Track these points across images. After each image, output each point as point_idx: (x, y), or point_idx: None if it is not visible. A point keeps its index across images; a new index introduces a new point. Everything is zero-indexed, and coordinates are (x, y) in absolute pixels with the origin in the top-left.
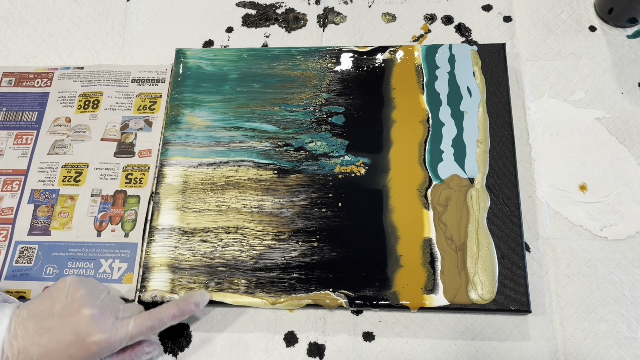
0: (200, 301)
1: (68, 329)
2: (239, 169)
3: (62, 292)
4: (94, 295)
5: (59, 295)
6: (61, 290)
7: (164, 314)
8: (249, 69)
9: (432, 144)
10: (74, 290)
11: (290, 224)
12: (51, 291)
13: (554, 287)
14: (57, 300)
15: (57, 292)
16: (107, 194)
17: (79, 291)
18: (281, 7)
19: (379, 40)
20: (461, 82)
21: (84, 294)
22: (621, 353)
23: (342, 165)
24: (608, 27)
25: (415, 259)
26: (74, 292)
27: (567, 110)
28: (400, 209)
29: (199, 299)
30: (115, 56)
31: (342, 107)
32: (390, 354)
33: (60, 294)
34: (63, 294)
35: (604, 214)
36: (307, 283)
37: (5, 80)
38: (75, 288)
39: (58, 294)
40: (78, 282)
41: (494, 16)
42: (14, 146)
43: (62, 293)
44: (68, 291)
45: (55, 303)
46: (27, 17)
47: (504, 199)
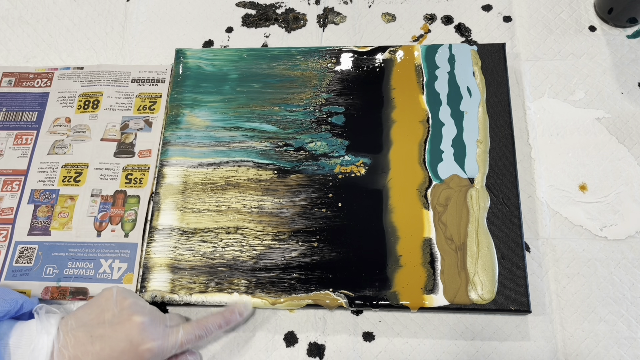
0: (243, 310)
1: (121, 336)
2: (239, 169)
3: (110, 300)
4: (141, 304)
5: (107, 304)
6: (109, 299)
7: (211, 323)
8: (248, 69)
9: (432, 144)
10: (122, 299)
11: (290, 224)
12: (98, 300)
13: (554, 287)
14: (106, 308)
15: (105, 301)
16: (107, 194)
17: (127, 299)
18: (281, 7)
19: (379, 40)
20: (461, 82)
21: (132, 302)
22: (621, 353)
23: (342, 165)
24: (608, 27)
25: (415, 259)
26: (123, 301)
27: (567, 110)
28: (400, 209)
29: (243, 309)
30: (115, 56)
31: (342, 107)
32: (390, 354)
33: (108, 303)
34: (111, 302)
35: (604, 214)
36: (307, 283)
37: (5, 80)
38: (123, 296)
39: (106, 303)
40: (124, 291)
41: (494, 16)
42: (14, 146)
43: (111, 301)
44: (116, 299)
45: (104, 311)
46: (27, 17)
47: (504, 199)
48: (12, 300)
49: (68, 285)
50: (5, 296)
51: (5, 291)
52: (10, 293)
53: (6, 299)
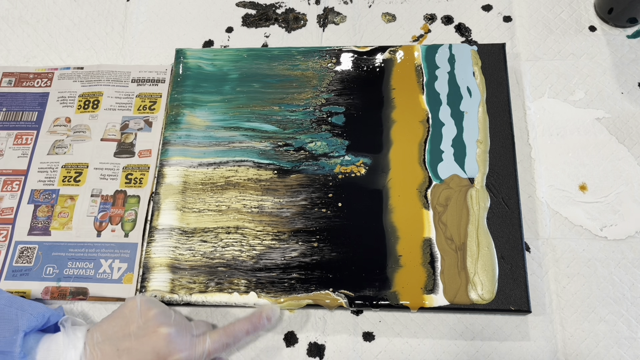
0: (271, 315)
1: (147, 349)
2: (239, 169)
3: (134, 311)
4: (166, 313)
5: (131, 315)
6: (133, 310)
7: (238, 330)
8: (249, 69)
9: (432, 144)
10: (147, 309)
11: (290, 224)
12: (122, 311)
13: (554, 287)
14: (131, 320)
15: (130, 312)
16: (107, 194)
17: (151, 310)
18: (281, 7)
19: (379, 40)
20: (461, 82)
21: (157, 312)
22: (621, 353)
23: (342, 165)
24: (608, 27)
25: (415, 259)
26: (147, 312)
27: (567, 110)
28: (400, 209)
29: (270, 313)
30: (115, 56)
31: (342, 107)
32: (390, 354)
33: (133, 314)
34: (136, 313)
35: (604, 214)
36: (307, 283)
37: (5, 80)
38: (148, 307)
39: (131, 314)
40: (148, 301)
41: (494, 16)
42: (14, 146)
43: (135, 312)
44: (140, 310)
45: (129, 323)
46: (27, 17)
47: (504, 199)
48: (38, 314)
49: (68, 285)
50: (32, 310)
51: (32, 305)
52: (37, 307)
53: (33, 313)
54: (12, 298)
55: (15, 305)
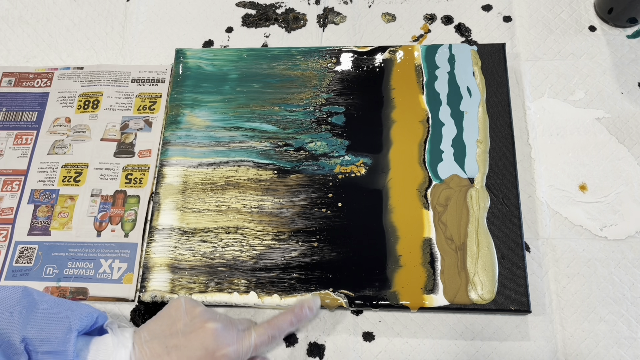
0: (313, 305)
1: (196, 345)
2: (239, 169)
3: (180, 310)
4: (211, 310)
5: (177, 314)
6: (179, 309)
7: (282, 322)
8: (249, 69)
9: (432, 144)
10: (192, 307)
11: (290, 224)
12: (168, 311)
13: (554, 287)
14: (177, 318)
15: (175, 311)
16: (107, 194)
17: (197, 308)
18: (281, 7)
19: (379, 40)
20: (461, 82)
21: (202, 310)
22: (621, 353)
23: (342, 165)
24: (608, 27)
25: (415, 259)
26: (193, 309)
27: (567, 110)
28: (400, 209)
29: (312, 304)
30: (115, 56)
31: (342, 107)
32: (390, 354)
33: (179, 312)
34: (182, 311)
35: (604, 214)
36: (307, 283)
37: (5, 80)
38: (192, 305)
39: (177, 313)
40: (192, 300)
41: (494, 16)
42: (13, 146)
43: (181, 311)
44: (186, 308)
45: (176, 321)
46: (27, 17)
47: (504, 199)
48: (88, 314)
49: (68, 285)
50: (81, 310)
51: (80, 305)
52: (85, 307)
53: (83, 313)
54: (58, 300)
55: (63, 306)
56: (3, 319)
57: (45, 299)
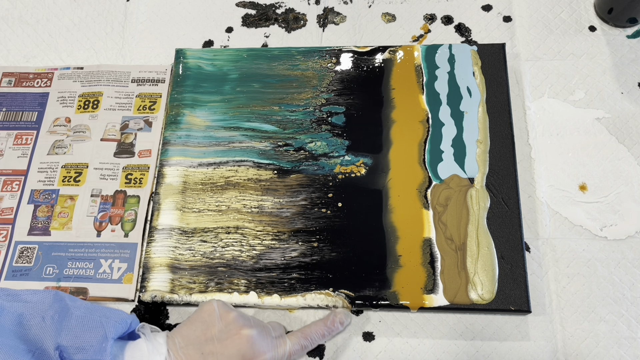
0: (344, 320)
1: (232, 352)
2: (238, 169)
3: (213, 315)
4: (245, 316)
5: (211, 319)
6: (212, 314)
7: (314, 333)
8: (248, 69)
9: (432, 144)
10: (225, 312)
11: (290, 224)
12: (201, 315)
13: (554, 287)
14: (211, 324)
15: (209, 316)
16: (107, 194)
17: (230, 313)
18: (281, 7)
19: (379, 40)
20: (461, 82)
21: (236, 315)
22: (621, 353)
23: (342, 165)
24: (608, 27)
25: (415, 259)
26: (226, 315)
27: (567, 110)
28: (400, 209)
29: (344, 318)
30: (115, 56)
31: (342, 107)
32: (390, 354)
33: (212, 318)
34: (215, 317)
35: (604, 214)
36: (307, 283)
37: (5, 80)
38: (226, 310)
39: (210, 318)
40: (225, 304)
41: (494, 16)
42: (13, 146)
43: (214, 316)
44: (219, 314)
45: (210, 327)
46: (27, 17)
47: (504, 199)
48: (122, 320)
49: (68, 285)
50: (115, 317)
51: (113, 311)
52: (119, 313)
53: (117, 319)
54: (91, 305)
55: (97, 313)
56: (35, 324)
57: (78, 304)
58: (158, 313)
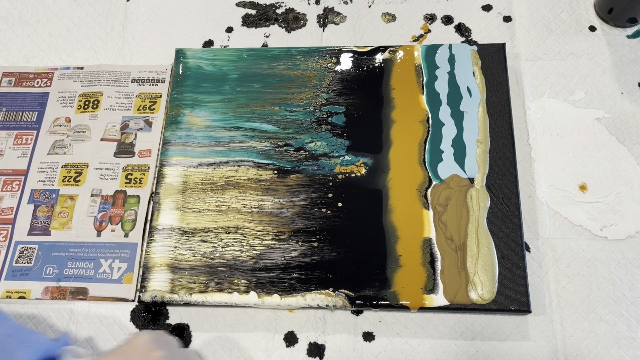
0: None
1: None
2: (239, 169)
3: (139, 351)
4: (172, 357)
5: (137, 355)
6: (137, 350)
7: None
8: (249, 69)
9: (432, 144)
10: (150, 350)
11: (290, 224)
12: (125, 350)
13: (554, 287)
14: (134, 359)
15: (135, 351)
16: (107, 194)
17: (156, 352)
18: (281, 7)
19: (379, 40)
20: (461, 82)
21: (160, 355)
22: (621, 353)
23: (342, 165)
24: (608, 27)
25: (415, 259)
26: (151, 353)
27: (567, 110)
28: (400, 209)
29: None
30: (115, 56)
31: (342, 107)
32: (390, 354)
33: (138, 354)
34: (139, 354)
35: (604, 214)
36: (307, 283)
37: (5, 80)
38: (152, 347)
39: (136, 353)
40: (155, 340)
41: (494, 16)
42: (14, 146)
43: (139, 352)
44: (144, 351)
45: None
46: (27, 17)
47: (504, 199)
48: (39, 347)
49: (68, 285)
50: (32, 342)
51: (34, 336)
52: (39, 339)
53: (32, 345)
54: (17, 327)
55: (17, 336)
56: None
57: (6, 323)
58: (158, 313)
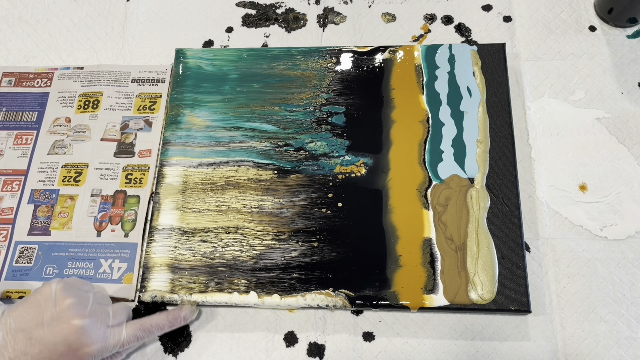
0: (189, 317)
1: (59, 340)
2: (239, 169)
3: (49, 300)
4: (83, 303)
5: (46, 304)
6: (48, 299)
7: (154, 326)
8: (249, 69)
9: (432, 144)
10: (62, 298)
11: (290, 224)
12: (37, 299)
13: (554, 287)
14: (45, 308)
15: (44, 301)
16: (107, 194)
17: (66, 299)
18: (281, 7)
19: (379, 40)
20: (461, 82)
21: (71, 303)
22: (621, 353)
23: (342, 165)
24: (608, 27)
25: (415, 259)
26: (62, 300)
27: (567, 110)
28: (400, 209)
29: (189, 315)
30: (115, 56)
31: (342, 107)
32: (390, 354)
33: (47, 303)
34: (50, 302)
35: (604, 214)
36: (307, 283)
37: (5, 80)
38: (63, 296)
39: (45, 303)
40: (64, 289)
41: (494, 16)
42: (14, 146)
43: (50, 302)
44: (55, 299)
45: (43, 311)
46: (27, 17)
47: (504, 199)
48: None
49: None
50: None
51: None
52: None
53: None
54: None
55: None
56: None
57: None
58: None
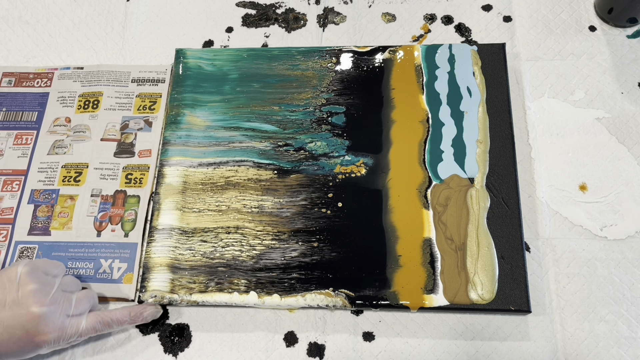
0: (152, 316)
1: (17, 325)
2: (239, 169)
3: (13, 283)
4: (45, 290)
5: (10, 287)
6: (12, 281)
7: (115, 320)
8: (249, 69)
9: (432, 144)
10: (25, 283)
11: (290, 224)
12: (2, 280)
13: (554, 287)
14: (9, 291)
15: (9, 283)
16: (107, 194)
17: (29, 285)
18: (281, 7)
19: (379, 40)
20: (461, 82)
21: (34, 289)
22: (621, 353)
23: (342, 165)
24: (608, 27)
25: (415, 259)
26: (25, 286)
27: (567, 110)
28: (400, 209)
29: (152, 315)
30: (115, 56)
31: (343, 107)
32: (390, 354)
33: (12, 285)
34: (14, 285)
35: (604, 214)
36: (307, 283)
37: (5, 80)
38: (26, 281)
39: (10, 285)
40: (29, 273)
41: (494, 16)
42: (14, 146)
43: (14, 285)
44: (19, 283)
45: (6, 294)
46: (27, 17)
47: (504, 199)
48: None
49: None
50: None
51: None
52: None
53: None
54: None
55: None
56: None
57: None
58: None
